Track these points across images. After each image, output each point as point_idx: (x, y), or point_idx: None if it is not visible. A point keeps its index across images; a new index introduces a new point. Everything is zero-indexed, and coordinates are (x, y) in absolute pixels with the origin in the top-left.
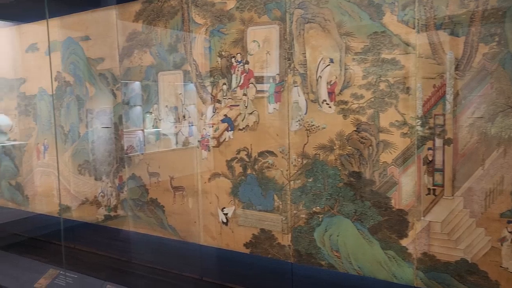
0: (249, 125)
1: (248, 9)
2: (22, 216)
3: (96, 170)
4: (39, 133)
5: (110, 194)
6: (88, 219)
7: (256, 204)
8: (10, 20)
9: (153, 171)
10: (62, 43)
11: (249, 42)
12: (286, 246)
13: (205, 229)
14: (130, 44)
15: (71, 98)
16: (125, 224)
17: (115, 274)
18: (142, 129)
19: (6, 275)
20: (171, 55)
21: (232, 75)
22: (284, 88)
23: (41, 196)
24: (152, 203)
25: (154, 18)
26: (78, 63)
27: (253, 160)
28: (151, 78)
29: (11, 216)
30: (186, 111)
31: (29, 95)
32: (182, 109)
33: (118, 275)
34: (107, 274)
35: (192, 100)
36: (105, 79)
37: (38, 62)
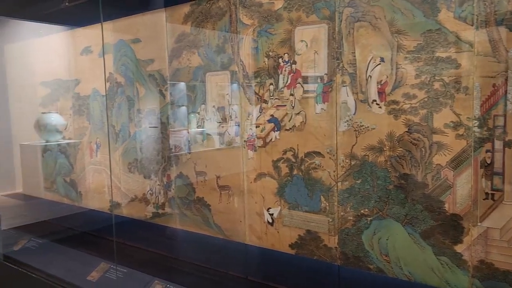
0: (296, 125)
1: (296, 8)
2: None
3: (145, 168)
4: (92, 132)
5: (158, 192)
6: (137, 216)
7: (302, 205)
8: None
9: (200, 170)
10: (114, 46)
11: (296, 42)
12: (332, 248)
13: (250, 229)
14: (179, 45)
15: (122, 99)
16: (172, 222)
17: (162, 270)
18: (188, 129)
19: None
20: (219, 56)
21: (279, 75)
22: (332, 88)
23: (93, 192)
24: (199, 201)
25: (202, 19)
26: (129, 64)
27: (299, 161)
28: (199, 79)
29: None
30: (233, 111)
31: (83, 96)
32: (229, 109)
33: (165, 272)
34: (155, 270)
35: (239, 100)
36: (154, 80)
37: (92, 64)
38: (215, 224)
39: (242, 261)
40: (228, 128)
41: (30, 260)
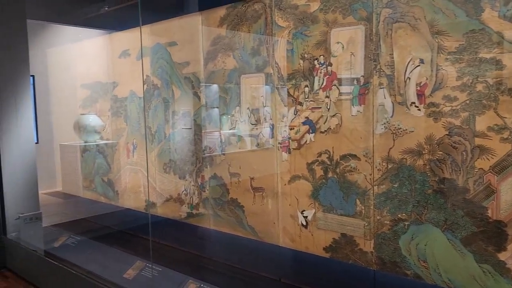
0: (331, 127)
1: (332, 10)
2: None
3: (180, 169)
4: (129, 133)
5: (193, 192)
6: (171, 215)
7: (337, 208)
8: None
9: (233, 172)
10: (151, 49)
11: (332, 43)
12: (368, 253)
13: (284, 231)
14: (214, 48)
15: (158, 100)
16: (206, 222)
17: (196, 270)
18: (223, 130)
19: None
20: (254, 58)
21: (314, 77)
22: (369, 90)
23: (129, 192)
24: (233, 202)
25: (237, 22)
26: (165, 67)
27: (334, 163)
28: (233, 81)
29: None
30: (267, 113)
31: (121, 98)
32: (263, 111)
33: (199, 271)
34: (189, 269)
35: (274, 103)
36: (189, 82)
37: (129, 67)
38: (248, 226)
39: (275, 263)
40: (262, 130)
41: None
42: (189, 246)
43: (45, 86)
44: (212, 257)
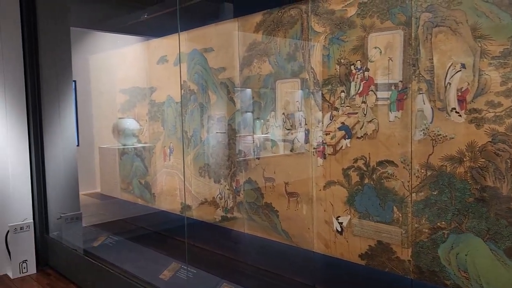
0: (367, 133)
1: (370, 15)
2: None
3: (215, 173)
4: (166, 137)
5: (228, 196)
6: (206, 218)
7: (373, 214)
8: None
9: (268, 176)
10: (188, 55)
11: (370, 48)
12: (405, 261)
13: (318, 237)
14: (250, 54)
15: (194, 105)
16: (240, 226)
17: (230, 273)
18: (257, 135)
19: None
20: (289, 63)
21: (351, 83)
22: (407, 95)
23: (165, 195)
24: (267, 207)
25: (273, 28)
26: (202, 72)
27: (371, 170)
28: (269, 86)
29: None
30: (303, 118)
31: (159, 102)
32: (299, 116)
33: (233, 275)
34: (223, 272)
35: (309, 108)
36: (225, 88)
37: (167, 73)
38: (282, 230)
39: (309, 269)
40: (297, 135)
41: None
42: (223, 249)
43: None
44: (246, 261)
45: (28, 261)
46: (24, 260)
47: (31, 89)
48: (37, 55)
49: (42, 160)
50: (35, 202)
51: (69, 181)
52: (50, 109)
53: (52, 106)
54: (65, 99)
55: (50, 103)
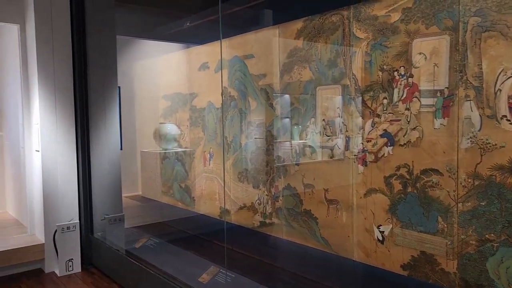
0: (411, 140)
1: (415, 20)
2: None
3: (254, 178)
4: (206, 142)
5: (266, 202)
6: (245, 223)
7: (416, 224)
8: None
9: (307, 183)
10: (229, 62)
11: (414, 54)
12: (451, 273)
13: (359, 245)
14: (291, 60)
15: (234, 111)
16: (279, 232)
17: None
18: (297, 141)
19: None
20: (330, 69)
21: (393, 89)
22: (453, 102)
23: (205, 199)
24: (306, 214)
25: (314, 34)
26: (242, 79)
27: (414, 178)
28: (309, 92)
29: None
30: (343, 125)
31: (199, 108)
32: (339, 123)
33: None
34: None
35: (350, 114)
36: (265, 94)
37: (208, 79)
38: (322, 238)
39: (350, 278)
40: (337, 142)
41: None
42: (261, 255)
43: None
44: (285, 267)
45: (74, 260)
46: (70, 259)
47: (79, 95)
48: (85, 62)
49: (88, 163)
50: (81, 203)
51: (113, 184)
52: (96, 114)
53: (98, 111)
54: (110, 105)
55: (96, 108)
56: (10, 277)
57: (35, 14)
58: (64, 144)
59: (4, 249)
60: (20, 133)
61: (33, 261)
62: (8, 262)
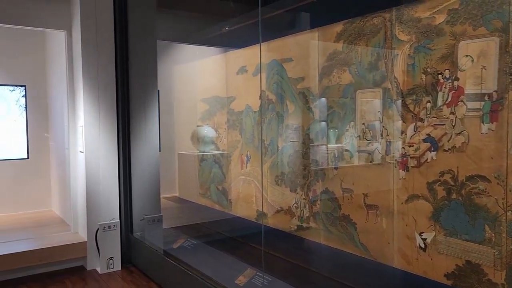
0: (456, 145)
1: (461, 22)
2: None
3: (291, 182)
4: (243, 145)
5: (304, 206)
6: (281, 227)
7: (461, 232)
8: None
9: (346, 187)
10: (267, 65)
11: (460, 57)
12: (499, 285)
13: (399, 252)
14: (330, 63)
15: (272, 114)
16: (316, 236)
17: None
18: (335, 145)
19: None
20: (371, 73)
21: (438, 93)
22: (503, 106)
23: (241, 201)
24: (344, 219)
25: (355, 37)
26: (280, 82)
27: (459, 184)
28: (348, 96)
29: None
30: (384, 129)
31: (237, 111)
32: (380, 127)
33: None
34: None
35: (391, 118)
36: (303, 97)
37: (246, 82)
38: (360, 243)
39: (390, 285)
40: (377, 146)
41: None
42: (298, 259)
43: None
44: (322, 272)
45: (114, 258)
46: (111, 257)
47: (121, 98)
48: (127, 67)
49: (129, 164)
50: (122, 203)
51: (152, 185)
52: (137, 116)
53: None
54: (150, 108)
55: (137, 111)
56: (54, 273)
57: (81, 21)
58: (106, 146)
59: (49, 246)
60: (65, 135)
61: (75, 258)
62: (53, 259)
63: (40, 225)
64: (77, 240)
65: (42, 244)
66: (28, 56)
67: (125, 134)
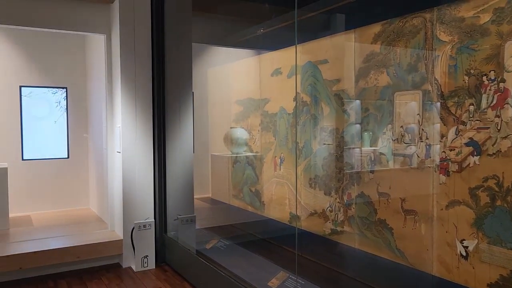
0: (501, 150)
1: (508, 21)
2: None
3: (325, 185)
4: (277, 147)
5: (338, 209)
6: (315, 230)
7: (506, 241)
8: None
9: (382, 191)
10: (302, 67)
11: (506, 57)
12: None
13: (438, 259)
14: (367, 65)
15: (307, 117)
16: (350, 241)
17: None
18: (371, 148)
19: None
20: (410, 74)
21: (481, 95)
22: None
23: (275, 203)
24: (380, 223)
25: (393, 38)
26: (315, 84)
27: (505, 191)
28: (386, 98)
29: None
30: (424, 132)
31: (271, 113)
32: (419, 130)
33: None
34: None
35: (431, 121)
36: (339, 99)
37: (281, 84)
38: (397, 249)
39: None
40: (416, 150)
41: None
42: (331, 263)
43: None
44: (357, 277)
45: (149, 257)
46: (146, 256)
47: (157, 100)
48: (163, 69)
49: (163, 165)
50: (156, 203)
51: (185, 185)
52: (172, 118)
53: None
54: (185, 109)
55: (172, 112)
56: (91, 269)
57: (120, 25)
58: (142, 146)
59: (87, 243)
60: (104, 135)
61: (112, 255)
62: (90, 256)
63: (79, 223)
64: (113, 238)
65: (81, 241)
66: (69, 59)
67: (160, 135)
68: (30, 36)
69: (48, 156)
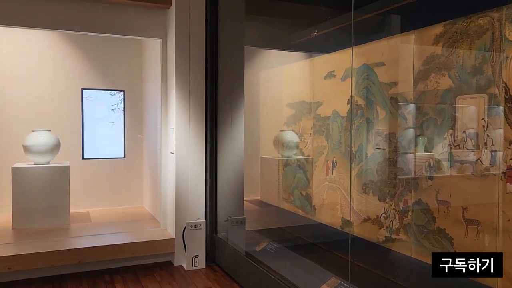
0: None
1: None
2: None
3: (380, 190)
4: (329, 151)
5: (393, 216)
6: (368, 236)
7: None
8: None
9: (442, 199)
10: (357, 70)
11: None
12: None
13: (505, 274)
14: (427, 67)
15: (361, 120)
16: (406, 249)
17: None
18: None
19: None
20: (474, 77)
21: None
22: None
23: (326, 208)
24: (439, 232)
25: (456, 39)
26: (370, 87)
27: None
28: (447, 102)
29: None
30: (489, 138)
31: (324, 117)
32: (484, 136)
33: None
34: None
35: (498, 126)
36: (396, 103)
37: (334, 87)
38: None
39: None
40: (481, 156)
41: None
42: (386, 272)
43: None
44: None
45: (199, 257)
46: (196, 255)
47: (210, 102)
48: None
49: (215, 166)
50: (207, 204)
51: (236, 187)
52: (224, 120)
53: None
54: (236, 112)
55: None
56: (144, 266)
57: (175, 29)
58: (195, 148)
59: (141, 240)
60: (158, 137)
61: (164, 254)
62: (144, 253)
63: (133, 221)
64: (166, 236)
65: (135, 238)
66: (127, 63)
67: (212, 137)
68: (91, 41)
69: (105, 155)
